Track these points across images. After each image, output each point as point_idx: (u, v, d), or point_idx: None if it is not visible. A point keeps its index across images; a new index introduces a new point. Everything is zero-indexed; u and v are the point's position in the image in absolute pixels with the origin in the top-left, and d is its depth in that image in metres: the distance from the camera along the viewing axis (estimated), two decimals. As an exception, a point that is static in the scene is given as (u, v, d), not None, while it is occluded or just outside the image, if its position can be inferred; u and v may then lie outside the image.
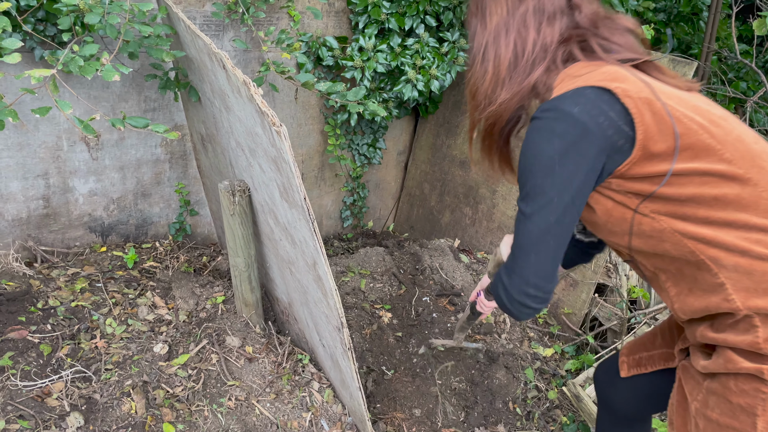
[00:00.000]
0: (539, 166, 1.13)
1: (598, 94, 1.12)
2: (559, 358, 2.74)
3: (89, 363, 2.00)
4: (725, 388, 1.18)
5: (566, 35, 1.24)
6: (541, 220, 1.15)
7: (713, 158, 1.11)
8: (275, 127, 1.40)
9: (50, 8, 2.11)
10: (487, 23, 1.29)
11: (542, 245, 1.16)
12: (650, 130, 1.10)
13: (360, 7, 2.83)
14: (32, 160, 2.42)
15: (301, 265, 1.90)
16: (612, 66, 1.18)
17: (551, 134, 1.12)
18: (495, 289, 1.28)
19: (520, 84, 1.25)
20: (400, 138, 3.58)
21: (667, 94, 1.15)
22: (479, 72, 1.30)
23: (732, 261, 1.11)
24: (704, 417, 1.23)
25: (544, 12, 1.25)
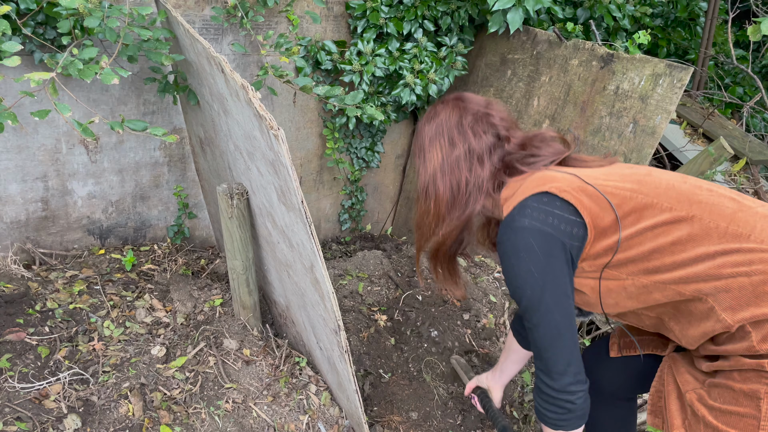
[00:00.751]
0: (523, 282, 1.29)
1: (538, 199, 1.29)
2: (556, 361, 2.74)
3: (87, 365, 2.01)
4: (728, 379, 1.28)
5: (498, 166, 1.42)
6: (549, 323, 1.29)
7: (655, 212, 1.26)
8: (273, 130, 1.41)
9: (50, 12, 2.12)
10: (428, 166, 1.46)
11: (560, 339, 1.30)
12: (593, 211, 1.27)
13: (359, 11, 2.85)
14: (31, 163, 2.43)
15: (298, 268, 1.91)
16: (539, 172, 1.37)
17: (518, 252, 1.27)
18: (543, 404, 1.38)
19: (459, 218, 1.43)
20: (399, 142, 3.59)
21: (593, 176, 1.32)
22: (423, 208, 1.48)
23: (710, 286, 1.23)
24: (705, 405, 1.32)
25: (473, 154, 1.42)
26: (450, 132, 1.45)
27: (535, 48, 2.89)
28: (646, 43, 2.52)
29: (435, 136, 1.47)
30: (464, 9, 2.83)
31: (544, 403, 1.37)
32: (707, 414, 1.30)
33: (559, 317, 1.28)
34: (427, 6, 2.81)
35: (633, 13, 2.88)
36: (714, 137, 3.37)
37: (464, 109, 1.47)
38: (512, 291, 1.33)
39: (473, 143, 1.42)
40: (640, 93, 2.50)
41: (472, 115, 1.45)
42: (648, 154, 2.52)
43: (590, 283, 1.35)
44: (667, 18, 3.89)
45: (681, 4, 3.82)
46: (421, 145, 1.50)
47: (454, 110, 1.47)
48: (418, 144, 1.51)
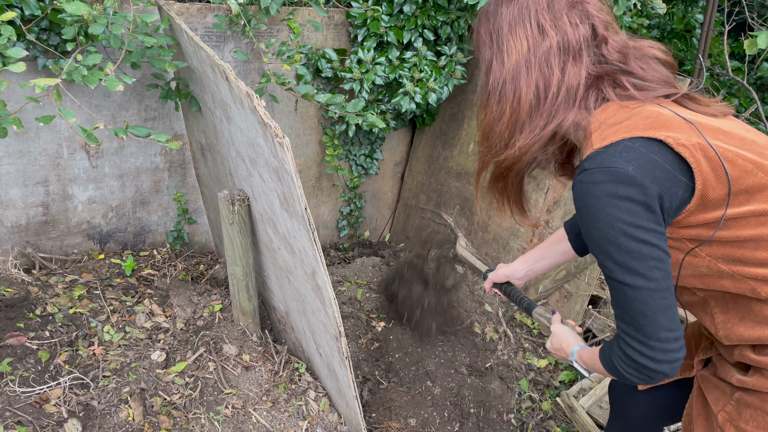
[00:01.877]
0: (618, 234, 1.05)
1: (648, 145, 1.04)
2: (553, 369, 2.76)
3: (87, 370, 2.01)
4: (764, 402, 1.18)
5: (594, 73, 1.15)
6: (652, 284, 1.06)
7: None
8: (278, 138, 1.43)
9: (54, 18, 2.14)
10: (505, 59, 1.17)
11: (662, 302, 1.07)
12: (708, 178, 1.05)
13: (359, 20, 2.87)
14: (32, 168, 2.44)
15: (299, 274, 1.92)
16: (650, 107, 1.11)
17: (615, 199, 1.03)
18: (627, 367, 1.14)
19: (543, 129, 1.16)
20: (397, 149, 3.62)
21: (712, 130, 1.09)
22: (495, 112, 1.20)
23: None
24: (736, 428, 1.22)
25: (569, 49, 1.14)
26: (539, 15, 1.15)
27: (533, 58, 2.91)
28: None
29: (519, 19, 1.16)
30: (464, 19, 2.86)
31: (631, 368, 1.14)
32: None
33: (661, 277, 1.06)
34: (427, 16, 2.84)
35: (630, 24, 2.92)
36: (709, 147, 3.39)
37: None
38: (597, 241, 1.09)
39: (569, 34, 1.13)
40: (638, 103, 2.53)
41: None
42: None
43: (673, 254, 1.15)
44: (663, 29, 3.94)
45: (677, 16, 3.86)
46: (497, 30, 1.19)
47: None
48: (491, 28, 1.20)
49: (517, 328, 2.91)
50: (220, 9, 2.53)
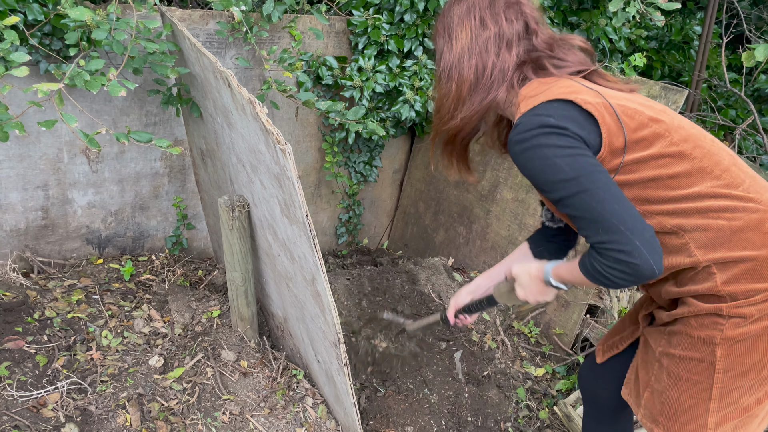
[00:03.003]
0: (554, 157, 1.23)
1: (562, 104, 1.27)
2: (551, 378, 2.76)
3: (85, 374, 2.01)
4: (686, 326, 1.36)
5: (523, 58, 1.40)
6: (601, 183, 1.21)
7: (665, 143, 1.29)
8: (280, 145, 1.44)
9: (57, 23, 2.15)
10: (453, 46, 1.43)
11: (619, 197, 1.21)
12: (612, 128, 1.27)
13: (360, 28, 2.89)
14: (32, 172, 2.44)
15: (299, 280, 1.92)
16: (565, 80, 1.35)
17: (543, 137, 1.24)
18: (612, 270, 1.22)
19: (480, 103, 1.41)
20: (396, 156, 3.63)
21: (615, 96, 1.33)
22: (444, 89, 1.45)
23: (691, 224, 1.29)
24: (667, 355, 1.41)
25: (503, 38, 1.39)
26: (482, 12, 1.42)
27: (533, 68, 2.93)
28: (641, 65, 2.57)
29: (465, 15, 1.43)
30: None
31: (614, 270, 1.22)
32: (670, 363, 1.39)
33: (605, 177, 1.23)
34: (427, 24, 2.86)
35: (629, 35, 2.94)
36: (707, 158, 3.41)
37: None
38: (544, 184, 1.27)
39: (504, 27, 1.40)
40: (636, 114, 2.55)
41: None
42: (643, 174, 2.56)
43: None
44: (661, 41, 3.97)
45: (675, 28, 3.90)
46: (448, 24, 1.46)
47: None
48: (445, 23, 1.48)
49: (515, 337, 2.91)
50: (222, 16, 2.55)
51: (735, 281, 1.29)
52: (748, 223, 1.27)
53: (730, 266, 1.29)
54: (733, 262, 1.29)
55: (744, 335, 1.29)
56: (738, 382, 1.32)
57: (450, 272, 3.14)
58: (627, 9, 2.44)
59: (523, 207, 2.99)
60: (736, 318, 1.29)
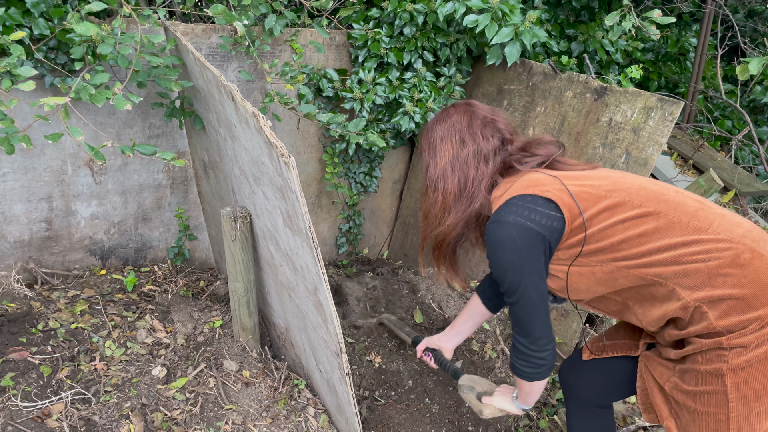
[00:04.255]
0: (505, 269, 1.46)
1: (523, 198, 1.46)
2: (551, 387, 2.78)
3: (89, 385, 2.03)
4: (694, 363, 1.45)
5: (499, 167, 1.59)
6: (528, 301, 1.48)
7: (626, 208, 1.43)
8: (284, 158, 1.47)
9: (62, 37, 2.18)
10: (437, 162, 1.61)
11: (537, 313, 1.50)
12: (572, 209, 1.44)
13: (360, 41, 2.93)
14: (37, 184, 2.47)
15: (301, 290, 1.94)
16: (527, 174, 1.53)
17: (503, 244, 1.44)
18: (520, 362, 1.59)
19: (464, 211, 1.59)
20: (396, 167, 3.66)
21: (573, 178, 1.50)
22: (431, 199, 1.64)
23: (670, 271, 1.40)
24: (681, 391, 1.49)
25: (481, 154, 1.58)
26: (461, 133, 1.60)
27: (530, 80, 2.97)
28: (638, 77, 2.61)
29: (447, 135, 1.61)
30: (462, 41, 2.92)
31: (522, 361, 1.57)
32: (686, 399, 1.47)
33: (536, 296, 1.47)
34: (426, 38, 2.90)
35: (625, 47, 2.99)
36: (704, 169, 3.46)
37: (473, 113, 1.63)
38: (496, 275, 1.51)
39: (482, 145, 1.58)
40: (633, 125, 2.59)
41: (480, 119, 1.62)
42: (640, 185, 2.59)
43: (564, 269, 1.52)
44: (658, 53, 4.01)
45: (671, 40, 3.94)
46: (432, 142, 1.64)
47: (464, 114, 1.63)
48: (429, 141, 1.66)
49: (515, 346, 2.93)
50: (224, 30, 2.58)
51: (727, 315, 1.38)
52: (723, 261, 1.37)
53: (717, 303, 1.38)
54: (719, 299, 1.38)
55: (748, 362, 1.36)
56: (752, 408, 1.39)
57: (450, 282, 3.16)
58: (623, 23, 2.48)
59: (522, 217, 3.02)
60: (738, 348, 1.37)
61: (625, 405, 2.70)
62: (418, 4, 2.77)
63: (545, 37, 2.64)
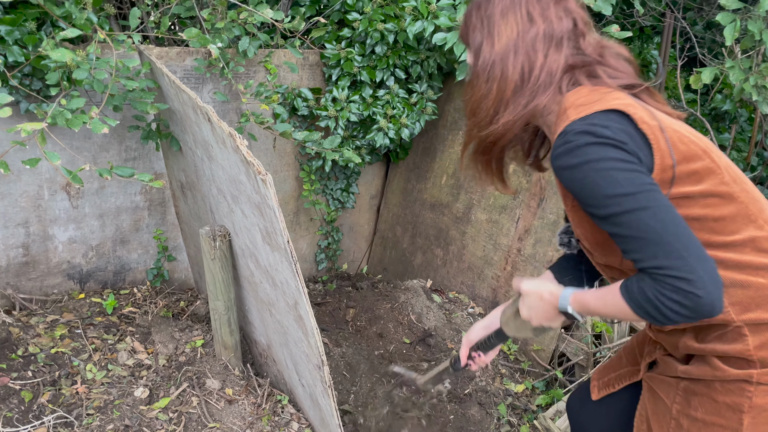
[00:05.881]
0: (610, 169, 1.09)
1: (619, 118, 1.14)
2: (530, 393, 2.83)
3: (71, 408, 2.02)
4: (710, 389, 1.25)
5: (571, 61, 1.26)
6: (660, 203, 1.07)
7: (716, 180, 1.16)
8: (261, 175, 1.51)
9: (37, 64, 2.20)
10: (495, 42, 1.28)
11: (678, 221, 1.07)
12: (664, 155, 1.14)
13: (333, 60, 2.99)
14: (13, 209, 2.47)
15: (281, 306, 1.98)
16: (617, 92, 1.21)
17: (598, 147, 1.10)
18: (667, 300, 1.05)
19: (525, 107, 1.26)
20: (373, 183, 3.71)
21: (666, 121, 1.20)
22: (483, 89, 1.29)
23: (729, 277, 1.16)
24: (687, 417, 1.29)
25: (552, 37, 1.25)
26: (529, 6, 1.28)
27: (500, 94, 3.06)
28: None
29: (510, 8, 1.28)
30: (433, 58, 3.00)
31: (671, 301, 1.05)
32: (691, 426, 1.29)
33: (663, 200, 1.08)
34: (398, 56, 2.98)
35: (590, 61, 3.09)
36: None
37: None
38: (590, 200, 1.12)
39: (554, 25, 1.26)
40: (599, 135, 2.68)
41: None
42: (609, 192, 2.68)
43: None
44: (622, 64, 4.15)
45: (634, 53, 4.08)
46: (488, 17, 1.31)
47: None
48: (483, 15, 1.32)
49: (494, 355, 2.98)
50: (198, 53, 2.63)
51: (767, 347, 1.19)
52: None
53: (763, 329, 1.19)
54: (766, 324, 1.18)
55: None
56: None
57: (429, 294, 3.21)
58: (584, 37, 2.58)
59: (497, 228, 3.09)
60: (766, 385, 1.20)
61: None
62: (388, 24, 2.84)
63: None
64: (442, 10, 2.64)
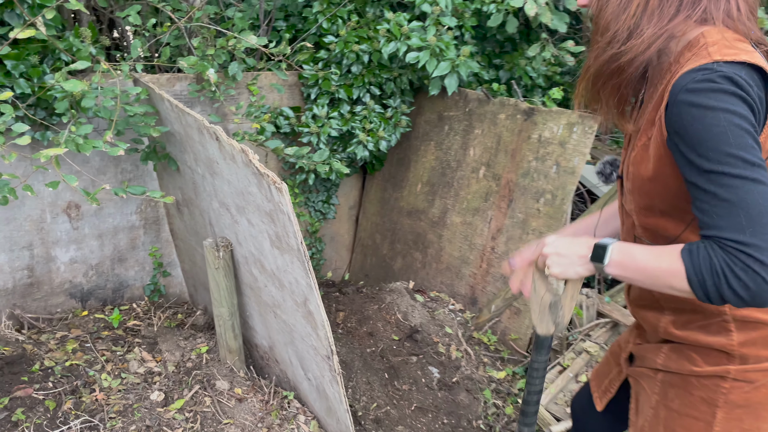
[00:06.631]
0: (739, 128, 1.00)
1: (759, 79, 1.05)
2: (512, 379, 3.07)
3: (93, 413, 2.16)
4: (686, 383, 1.27)
5: None
6: (764, 181, 0.99)
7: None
8: (276, 184, 1.71)
9: (42, 95, 2.35)
10: None
11: None
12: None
13: (311, 81, 3.21)
14: (18, 233, 2.59)
15: (288, 305, 2.16)
16: (750, 47, 1.10)
17: (738, 99, 1.01)
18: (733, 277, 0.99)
19: (669, 22, 1.11)
20: (351, 194, 3.93)
21: None
22: (620, 1, 1.14)
23: None
24: (665, 407, 1.32)
25: None
26: None
27: (467, 106, 3.33)
28: (560, 97, 3.00)
29: None
30: (405, 75, 3.25)
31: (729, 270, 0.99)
32: (667, 416, 1.31)
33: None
34: (372, 74, 3.21)
35: (546, 72, 3.39)
36: (623, 173, 3.89)
37: None
38: (702, 148, 1.01)
39: None
40: (560, 139, 2.96)
41: None
42: (571, 191, 2.96)
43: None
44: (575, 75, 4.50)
45: (584, 62, 4.45)
46: None
47: None
48: None
49: (476, 346, 3.22)
50: (187, 78, 2.81)
51: (752, 344, 1.19)
52: None
53: (750, 327, 1.18)
54: (754, 323, 1.17)
55: (747, 401, 1.22)
56: None
57: (412, 294, 3.43)
58: (543, 52, 2.87)
59: (471, 229, 3.34)
60: (742, 382, 1.21)
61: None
62: (363, 45, 3.08)
63: (478, 68, 3.00)
64: (413, 32, 2.89)
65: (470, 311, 3.40)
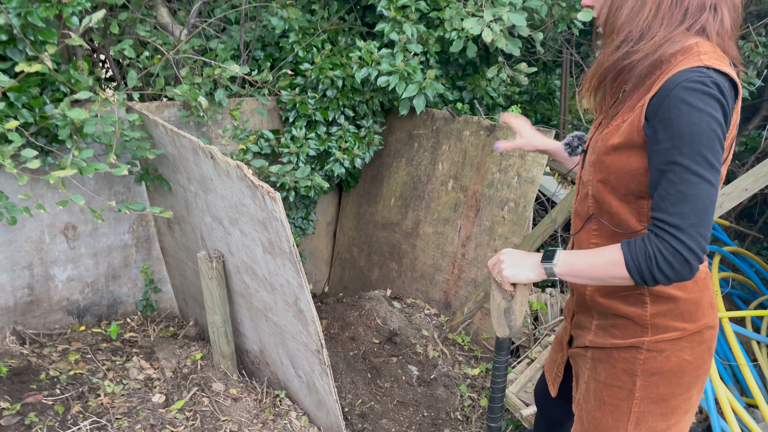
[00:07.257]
0: (710, 131, 1.13)
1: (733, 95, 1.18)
2: (485, 375, 3.31)
3: (101, 415, 2.33)
4: (610, 357, 1.47)
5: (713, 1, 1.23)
6: (715, 184, 1.15)
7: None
8: (270, 194, 1.94)
9: (43, 123, 2.55)
10: None
11: (712, 206, 1.16)
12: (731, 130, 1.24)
13: (289, 105, 3.46)
14: (19, 254, 2.76)
15: (280, 307, 2.37)
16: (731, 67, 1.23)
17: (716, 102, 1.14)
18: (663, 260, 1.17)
19: (676, 27, 1.22)
20: (328, 210, 4.16)
21: None
22: (635, 3, 1.24)
23: None
24: (595, 380, 1.52)
25: None
26: None
27: (434, 124, 3.61)
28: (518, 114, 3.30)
29: None
30: (377, 98, 3.52)
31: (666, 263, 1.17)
32: (596, 388, 1.50)
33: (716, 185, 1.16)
34: (346, 97, 3.48)
35: (505, 92, 3.70)
36: (580, 183, 4.21)
37: None
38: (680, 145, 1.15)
39: None
40: (519, 152, 3.25)
41: None
42: (531, 199, 3.25)
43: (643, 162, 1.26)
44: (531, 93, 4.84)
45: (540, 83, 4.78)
46: None
47: None
48: None
49: (452, 346, 3.45)
50: (174, 105, 3.03)
51: (662, 315, 1.35)
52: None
53: (663, 301, 1.35)
54: (666, 297, 1.34)
55: (659, 369, 1.39)
56: (653, 409, 1.43)
57: (390, 301, 3.66)
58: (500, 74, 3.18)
59: (443, 238, 3.60)
60: (654, 352, 1.38)
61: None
62: (336, 71, 3.35)
63: (443, 89, 3.29)
64: (383, 58, 3.17)
65: (444, 315, 3.64)
